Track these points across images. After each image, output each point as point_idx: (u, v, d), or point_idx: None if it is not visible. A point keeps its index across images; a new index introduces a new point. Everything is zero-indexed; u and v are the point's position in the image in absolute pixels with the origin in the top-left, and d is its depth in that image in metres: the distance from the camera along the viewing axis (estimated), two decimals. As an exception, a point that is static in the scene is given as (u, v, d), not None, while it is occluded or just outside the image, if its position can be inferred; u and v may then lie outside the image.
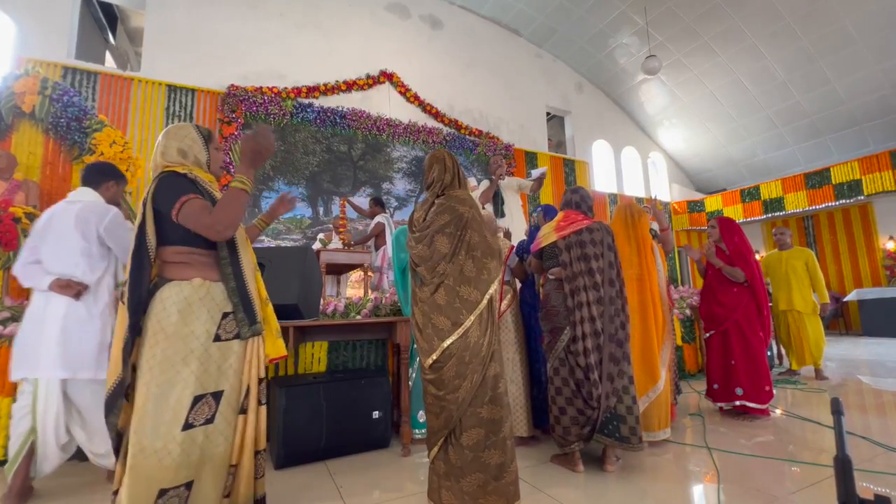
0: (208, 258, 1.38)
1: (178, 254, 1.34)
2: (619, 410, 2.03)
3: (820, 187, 8.53)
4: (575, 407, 2.02)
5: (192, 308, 1.30)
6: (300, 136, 6.49)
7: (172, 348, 1.26)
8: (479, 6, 8.45)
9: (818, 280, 4.21)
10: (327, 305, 2.83)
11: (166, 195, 1.31)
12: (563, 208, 2.32)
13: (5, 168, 3.56)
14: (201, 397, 1.27)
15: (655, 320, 2.44)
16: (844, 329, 8.65)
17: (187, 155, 1.43)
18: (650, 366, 2.38)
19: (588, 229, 2.13)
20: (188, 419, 1.24)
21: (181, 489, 1.21)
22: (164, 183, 1.34)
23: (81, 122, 4.01)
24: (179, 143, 1.43)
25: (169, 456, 1.20)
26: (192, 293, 1.31)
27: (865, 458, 2.10)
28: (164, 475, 1.19)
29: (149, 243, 1.30)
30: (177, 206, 1.29)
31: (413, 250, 1.69)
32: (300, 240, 6.29)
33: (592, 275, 2.05)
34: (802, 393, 3.63)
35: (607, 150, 10.16)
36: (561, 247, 2.14)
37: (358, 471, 2.14)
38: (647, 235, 2.57)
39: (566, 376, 2.04)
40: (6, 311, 2.31)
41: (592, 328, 2.00)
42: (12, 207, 2.92)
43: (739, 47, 8.16)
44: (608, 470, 2.02)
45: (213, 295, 1.34)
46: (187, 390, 1.25)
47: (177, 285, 1.31)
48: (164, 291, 1.29)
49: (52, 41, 5.28)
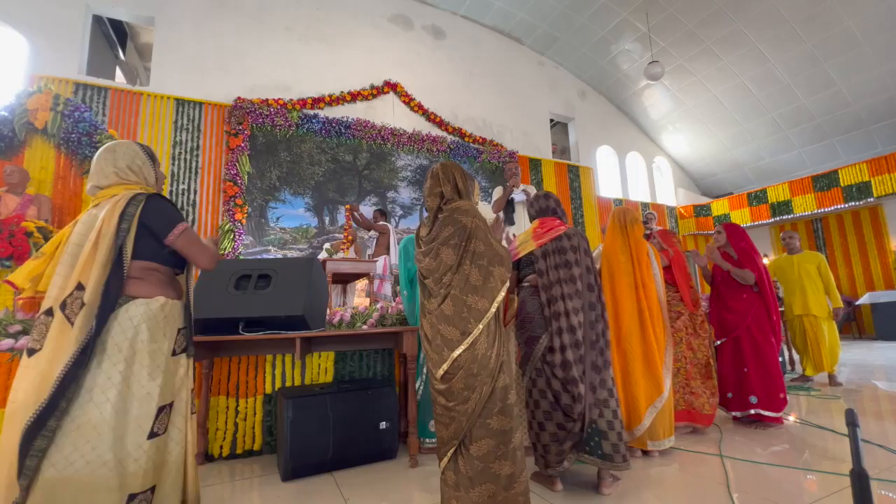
0: (165, 276, 1.47)
1: (142, 269, 1.39)
2: (600, 425, 1.90)
3: (828, 190, 8.45)
4: (554, 422, 1.89)
5: (159, 326, 1.37)
6: (306, 147, 6.56)
7: (139, 364, 1.31)
8: (482, 16, 8.53)
9: (831, 284, 4.15)
10: (333, 315, 2.83)
11: (160, 217, 1.40)
12: (538, 215, 2.23)
13: (18, 183, 3.63)
14: (163, 408, 1.35)
15: (654, 328, 2.39)
16: (857, 333, 8.51)
17: (141, 172, 1.49)
18: (654, 375, 2.33)
19: (566, 235, 2.06)
20: (153, 429, 1.31)
21: (147, 493, 1.29)
22: (157, 204, 1.42)
23: (92, 137, 4.08)
24: (130, 161, 1.48)
25: (136, 463, 1.26)
26: (159, 311, 1.38)
27: (883, 467, 2.05)
28: (132, 481, 1.25)
29: (126, 258, 1.33)
30: (176, 231, 1.41)
31: (421, 264, 1.69)
32: (306, 249, 6.33)
33: (574, 281, 1.96)
34: (817, 400, 3.57)
35: (612, 156, 10.15)
36: (538, 255, 2.05)
37: (365, 482, 2.12)
38: (642, 242, 2.52)
39: (543, 388, 1.92)
40: (18, 324, 2.34)
41: (573, 339, 1.87)
42: (25, 222, 2.97)
43: (742, 51, 8.16)
44: (604, 493, 1.85)
45: (173, 313, 1.43)
46: (153, 402, 1.31)
47: (144, 303, 1.35)
48: (132, 309, 1.33)
49: (63, 58, 5.40)
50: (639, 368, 2.31)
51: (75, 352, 1.21)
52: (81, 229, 1.36)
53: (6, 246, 2.82)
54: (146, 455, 1.28)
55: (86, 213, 1.42)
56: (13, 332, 2.30)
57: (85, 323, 1.24)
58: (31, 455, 1.15)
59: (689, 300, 2.89)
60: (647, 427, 2.27)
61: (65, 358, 1.21)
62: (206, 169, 5.81)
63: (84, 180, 4.18)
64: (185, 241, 1.44)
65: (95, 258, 1.30)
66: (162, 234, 1.41)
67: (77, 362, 1.21)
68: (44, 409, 1.17)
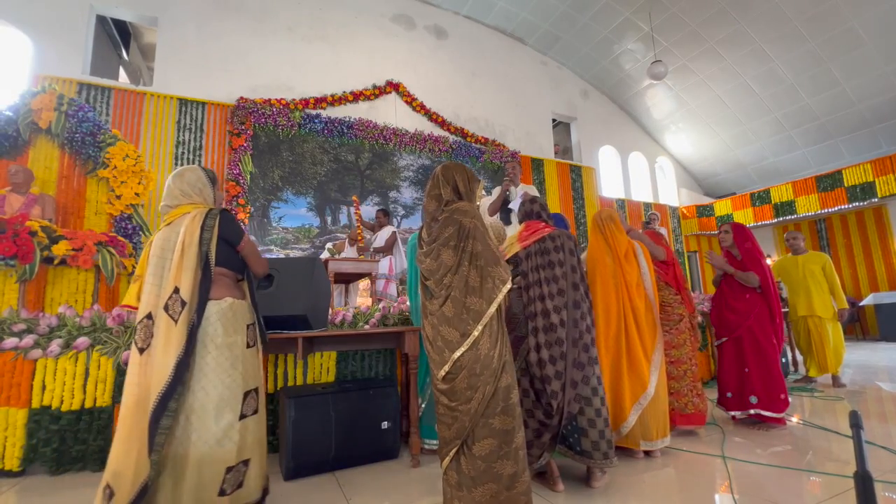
0: (231, 280, 1.71)
1: (216, 274, 1.61)
2: (580, 423, 1.95)
3: (832, 190, 8.40)
4: (535, 419, 1.94)
5: (230, 322, 1.59)
6: (308, 147, 6.57)
7: (222, 355, 1.53)
8: (484, 16, 8.53)
9: (836, 285, 4.13)
10: (335, 315, 2.84)
11: (233, 229, 1.68)
12: (524, 219, 2.29)
13: (22, 183, 3.64)
14: (248, 393, 1.58)
15: (638, 325, 2.39)
16: (861, 334, 8.47)
17: (202, 193, 1.73)
18: (639, 372, 2.33)
19: (550, 237, 2.11)
20: (242, 411, 1.53)
21: (240, 465, 1.51)
22: (230, 217, 1.69)
23: (96, 137, 4.09)
24: (194, 184, 1.71)
25: (230, 441, 1.49)
26: (228, 310, 1.59)
27: (887, 469, 2.04)
28: (227, 456, 1.47)
29: (211, 263, 1.57)
30: (244, 240, 1.71)
31: (422, 265, 1.70)
32: (308, 249, 6.34)
33: (556, 280, 2.01)
34: (820, 401, 3.55)
35: (614, 156, 10.13)
36: (522, 256, 2.11)
37: (367, 482, 2.13)
38: (623, 239, 2.52)
39: (527, 387, 1.97)
40: (22, 322, 2.35)
41: (554, 336, 1.93)
42: (29, 221, 2.98)
43: (746, 51, 8.13)
44: (594, 487, 1.92)
45: (241, 311, 1.65)
46: (238, 389, 1.54)
47: (216, 304, 1.57)
48: (209, 309, 1.55)
49: (67, 58, 5.43)
50: (624, 365, 2.32)
51: (184, 343, 1.44)
52: (161, 244, 1.58)
53: (10, 245, 2.83)
54: (238, 434, 1.50)
55: (160, 232, 1.63)
56: (17, 332, 2.31)
57: (186, 319, 1.47)
58: (159, 433, 1.37)
59: (689, 302, 2.89)
60: (633, 425, 2.28)
61: (175, 350, 1.43)
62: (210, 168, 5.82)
63: (87, 180, 4.20)
64: (250, 248, 1.73)
65: (184, 265, 1.52)
66: (235, 242, 1.67)
67: (186, 352, 1.45)
68: (165, 391, 1.39)
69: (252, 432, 1.57)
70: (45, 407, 2.22)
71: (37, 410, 2.21)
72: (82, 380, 2.28)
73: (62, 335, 2.34)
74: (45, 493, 2.00)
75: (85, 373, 2.29)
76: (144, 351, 1.48)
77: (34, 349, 2.27)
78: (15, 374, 2.23)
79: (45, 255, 3.01)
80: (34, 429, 2.19)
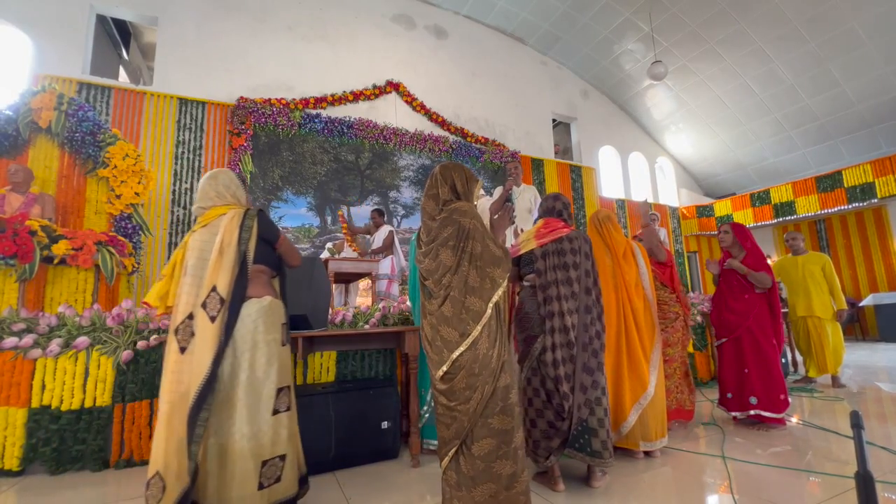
0: (268, 277, 1.76)
1: (254, 272, 1.65)
2: (590, 423, 1.95)
3: (832, 190, 8.41)
4: (545, 419, 1.94)
5: (270, 320, 1.63)
6: (308, 147, 6.57)
7: (260, 352, 1.57)
8: (484, 15, 8.53)
9: (836, 285, 4.13)
10: (335, 315, 2.84)
11: (271, 228, 1.73)
12: (543, 215, 2.26)
13: (22, 182, 3.64)
14: (282, 389, 1.61)
15: (637, 325, 2.39)
16: (861, 335, 8.47)
17: (235, 194, 1.78)
18: (639, 372, 2.33)
19: (568, 238, 2.08)
20: (275, 406, 1.57)
21: (276, 460, 1.55)
22: (267, 217, 1.75)
23: (96, 136, 4.09)
24: (227, 185, 1.76)
25: (265, 436, 1.52)
26: (268, 308, 1.63)
27: (887, 470, 2.04)
28: (262, 451, 1.51)
29: (248, 262, 1.61)
30: (281, 238, 1.77)
31: (421, 265, 1.69)
32: (308, 249, 6.34)
33: (570, 283, 2.00)
34: (820, 402, 3.55)
35: (614, 156, 10.13)
36: (537, 254, 2.08)
37: (367, 482, 2.13)
38: (621, 239, 2.52)
39: (538, 386, 1.98)
40: (22, 322, 2.35)
41: (566, 338, 1.93)
42: (29, 220, 2.98)
43: (746, 51, 8.13)
44: (595, 486, 1.94)
45: (278, 310, 1.69)
46: (272, 385, 1.57)
47: (257, 302, 1.61)
48: (249, 307, 1.59)
49: (67, 57, 5.43)
50: (624, 365, 2.32)
51: (221, 339, 1.49)
52: (199, 245, 1.62)
53: (10, 244, 2.83)
54: (272, 429, 1.54)
55: (195, 234, 1.66)
56: (17, 331, 2.31)
57: (223, 317, 1.51)
58: (198, 424, 1.42)
59: (684, 302, 2.90)
60: (632, 425, 2.28)
61: (212, 346, 1.48)
62: (209, 168, 5.81)
63: (87, 179, 4.20)
64: (287, 245, 1.81)
65: (222, 264, 1.56)
66: (273, 241, 1.74)
67: (223, 347, 1.49)
68: (204, 386, 1.44)
69: (286, 427, 1.61)
70: (44, 406, 2.23)
71: (36, 410, 2.22)
72: (82, 379, 2.28)
73: (62, 335, 2.34)
74: (44, 493, 2.01)
75: (85, 372, 2.29)
76: (185, 350, 1.52)
77: (34, 349, 2.27)
78: (14, 374, 2.23)
79: (45, 254, 3.01)
80: (34, 428, 2.19)
